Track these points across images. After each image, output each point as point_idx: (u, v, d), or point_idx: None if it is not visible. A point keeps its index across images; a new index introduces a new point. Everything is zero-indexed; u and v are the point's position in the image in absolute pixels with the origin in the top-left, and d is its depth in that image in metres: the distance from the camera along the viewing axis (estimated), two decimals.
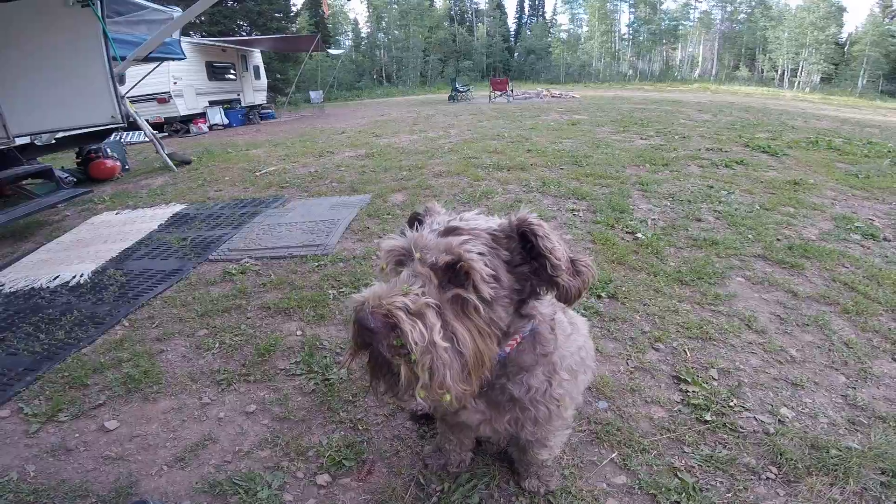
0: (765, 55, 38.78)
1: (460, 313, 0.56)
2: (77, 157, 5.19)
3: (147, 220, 3.28)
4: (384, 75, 42.62)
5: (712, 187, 3.15)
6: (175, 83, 10.93)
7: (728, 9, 41.60)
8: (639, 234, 2.28)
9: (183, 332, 1.76)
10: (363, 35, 47.57)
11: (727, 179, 3.38)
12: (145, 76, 7.11)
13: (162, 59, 6.79)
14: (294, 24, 24.35)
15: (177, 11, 6.11)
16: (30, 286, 2.32)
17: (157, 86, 9.74)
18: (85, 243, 2.95)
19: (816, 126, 6.98)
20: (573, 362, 0.78)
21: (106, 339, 1.75)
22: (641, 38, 43.72)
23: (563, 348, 0.76)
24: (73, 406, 1.37)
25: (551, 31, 49.01)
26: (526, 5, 54.95)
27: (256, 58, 15.65)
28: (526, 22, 54.48)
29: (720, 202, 2.83)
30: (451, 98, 17.22)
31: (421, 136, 6.74)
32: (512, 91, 15.92)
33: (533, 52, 45.47)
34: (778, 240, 2.24)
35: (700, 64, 42.26)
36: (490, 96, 16.01)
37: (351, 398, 1.26)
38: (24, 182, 3.99)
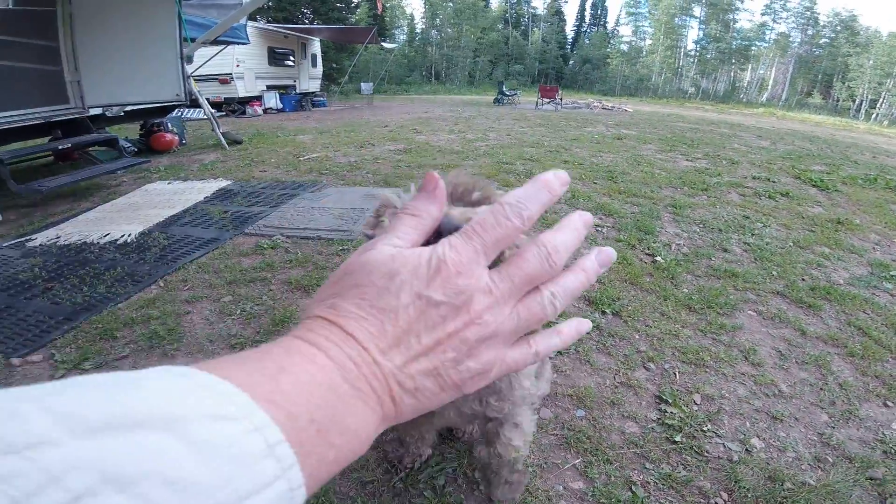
0: (843, 83, 36.31)
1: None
2: (141, 129, 5.61)
3: (195, 191, 3.52)
4: (433, 72, 42.91)
5: (748, 218, 3.05)
6: (238, 66, 11.42)
7: (809, 32, 39.21)
8: (658, 258, 2.26)
9: (210, 297, 1.92)
10: (417, 31, 48.03)
11: (766, 211, 3.26)
12: (212, 57, 7.55)
13: (228, 43, 7.20)
14: (353, 15, 24.97)
15: None
16: (82, 240, 2.57)
17: (221, 67, 10.11)
18: (136, 207, 3.21)
19: (883, 162, 6.53)
20: None
21: (141, 296, 1.93)
22: (709, 55, 41.92)
23: None
24: (98, 356, 1.53)
25: (611, 41, 47.75)
26: (587, 14, 53.87)
27: (315, 46, 16.15)
28: (585, 31, 53.40)
29: (752, 234, 2.74)
30: (497, 101, 17.15)
31: (459, 136, 6.82)
32: (560, 99, 15.67)
33: (589, 61, 44.50)
34: (803, 279, 2.15)
35: (769, 87, 40.07)
36: (537, 103, 15.83)
37: None
38: (90, 148, 4.34)
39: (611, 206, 3.12)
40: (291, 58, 14.35)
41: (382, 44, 19.22)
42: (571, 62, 48.12)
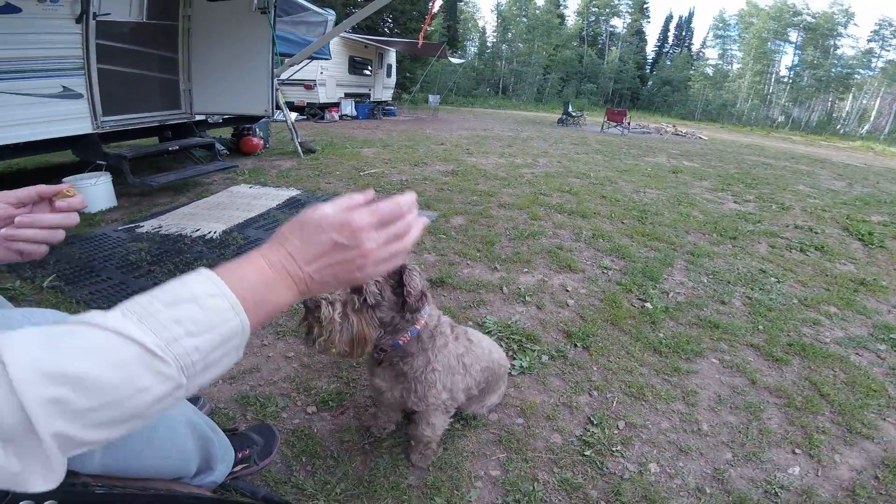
0: None
1: (356, 309, 0.95)
2: (233, 133, 6.52)
3: (270, 198, 4.17)
4: (501, 87, 43.11)
5: (764, 272, 3.13)
6: (321, 73, 12.40)
7: None
8: (647, 304, 2.48)
9: None
10: (488, 44, 48.46)
11: (789, 266, 3.30)
12: (301, 68, 8.40)
13: (312, 59, 8.02)
14: (430, 27, 26.03)
15: (331, 15, 7.14)
16: (178, 232, 3.23)
17: (307, 73, 10.88)
18: (222, 207, 3.89)
19: None
20: (449, 362, 1.20)
21: None
22: (803, 82, 38.76)
23: (439, 350, 1.19)
24: None
25: (695, 63, 45.50)
26: (670, 35, 51.76)
27: (391, 57, 16.98)
28: (668, 52, 51.32)
29: (760, 289, 2.85)
30: (561, 121, 17.01)
31: (508, 160, 7.12)
32: (628, 123, 15.35)
33: (669, 83, 42.77)
34: (788, 335, 2.29)
35: (871, 119, 36.26)
36: (603, 125, 15.61)
37: (354, 365, 1.77)
38: (192, 149, 5.18)
39: (627, 248, 3.33)
40: (369, 67, 15.26)
41: (450, 58, 19.92)
42: (650, 83, 46.55)
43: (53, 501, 0.61)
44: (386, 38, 16.37)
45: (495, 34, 46.67)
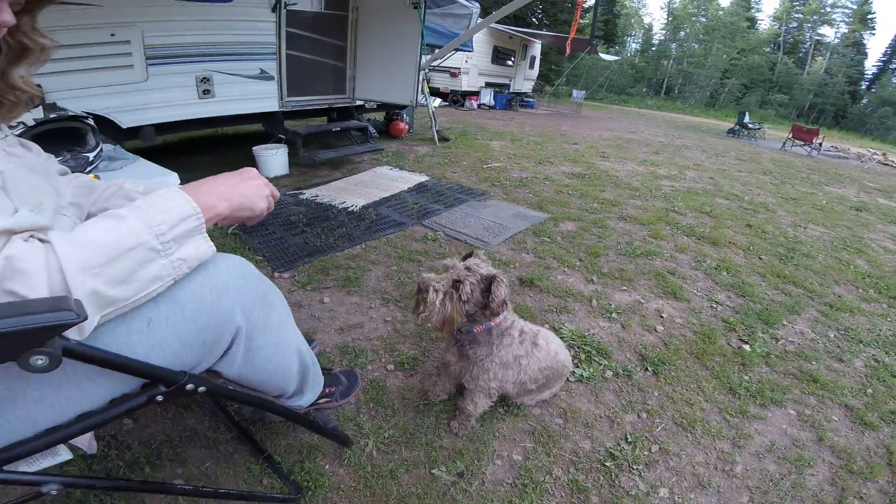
0: None
1: (452, 297, 1.27)
2: (385, 117, 7.35)
3: (403, 181, 4.72)
4: (664, 87, 39.31)
5: None
6: (466, 61, 12.93)
7: None
8: (746, 346, 2.32)
9: (384, 263, 2.88)
10: (654, 41, 44.45)
11: None
12: (448, 56, 8.92)
13: (456, 51, 8.40)
14: (582, 19, 24.83)
15: (476, 8, 7.42)
16: (328, 202, 3.92)
17: (453, 61, 11.50)
18: (365, 184, 4.55)
19: None
20: (506, 359, 1.43)
21: (349, 251, 3.02)
22: None
23: (502, 347, 1.43)
24: (314, 282, 2.55)
25: None
26: None
27: (536, 49, 16.78)
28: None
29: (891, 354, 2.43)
30: (732, 132, 15.10)
31: (648, 169, 6.71)
32: (819, 144, 12.91)
33: (891, 103, 34.68)
34: (892, 401, 1.98)
35: None
36: (785, 142, 13.40)
37: (434, 339, 2.09)
38: (350, 131, 6.03)
39: (752, 287, 3.04)
40: (512, 58, 15.34)
41: (601, 55, 18.84)
42: (863, 101, 38.31)
43: (204, 388, 0.87)
44: (532, 31, 16.23)
45: (664, 32, 42.83)
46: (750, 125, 14.92)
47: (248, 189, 0.89)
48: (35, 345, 0.59)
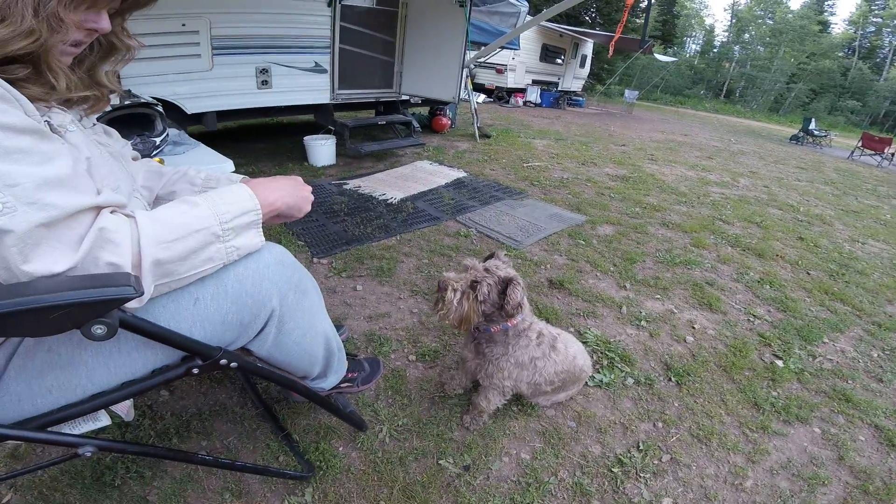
0: None
1: (469, 297, 1.32)
2: (429, 111, 7.44)
3: (442, 176, 4.80)
4: (724, 90, 37.36)
5: None
6: (513, 58, 12.78)
7: None
8: (779, 362, 2.23)
9: (416, 256, 2.97)
10: (716, 43, 42.32)
11: None
12: (495, 53, 8.90)
13: (501, 49, 8.35)
14: (639, 19, 23.83)
15: (524, 6, 7.33)
16: (369, 193, 4.06)
17: (500, 57, 11.40)
18: (405, 178, 4.66)
19: None
20: (522, 360, 1.47)
21: (384, 242, 3.13)
22: None
23: (519, 348, 1.47)
24: (349, 270, 2.68)
25: None
26: None
27: (587, 47, 16.33)
28: None
29: None
30: (795, 138, 14.18)
31: (698, 175, 6.44)
32: (892, 155, 11.92)
33: None
34: None
35: None
36: (853, 152, 12.49)
37: (454, 333, 2.16)
38: (395, 124, 6.17)
39: (795, 303, 2.91)
40: (562, 56, 15.02)
41: (657, 56, 18.01)
42: None
43: (236, 363, 0.94)
44: (583, 30, 15.81)
45: (727, 34, 40.70)
46: (815, 132, 13.93)
47: (302, 193, 1.03)
48: (98, 315, 0.66)
